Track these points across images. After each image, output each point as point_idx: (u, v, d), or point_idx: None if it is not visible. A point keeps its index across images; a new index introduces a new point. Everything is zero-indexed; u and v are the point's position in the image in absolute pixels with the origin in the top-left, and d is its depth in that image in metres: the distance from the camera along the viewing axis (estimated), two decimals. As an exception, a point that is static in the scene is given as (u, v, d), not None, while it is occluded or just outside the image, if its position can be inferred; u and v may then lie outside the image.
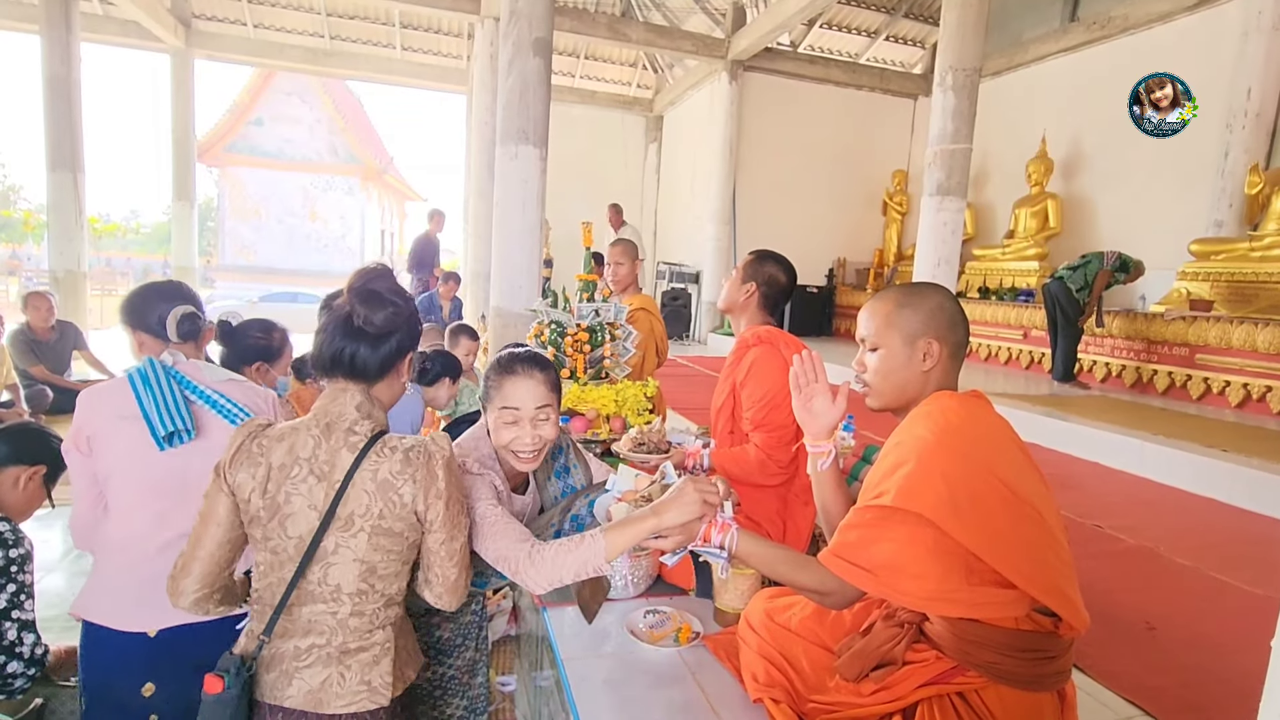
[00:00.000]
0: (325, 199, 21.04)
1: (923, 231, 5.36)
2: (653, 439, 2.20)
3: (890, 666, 1.14)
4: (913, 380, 1.24)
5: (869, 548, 1.10)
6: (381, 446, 1.19)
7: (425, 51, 11.07)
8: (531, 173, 4.17)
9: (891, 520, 1.08)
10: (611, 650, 1.60)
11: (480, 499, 1.33)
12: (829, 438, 1.39)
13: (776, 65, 9.32)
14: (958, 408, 1.16)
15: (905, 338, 1.23)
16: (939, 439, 1.10)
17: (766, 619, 1.45)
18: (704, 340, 9.35)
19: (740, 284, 2.13)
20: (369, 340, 1.22)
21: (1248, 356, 4.85)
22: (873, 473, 1.18)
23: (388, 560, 1.18)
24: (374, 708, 1.16)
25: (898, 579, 1.07)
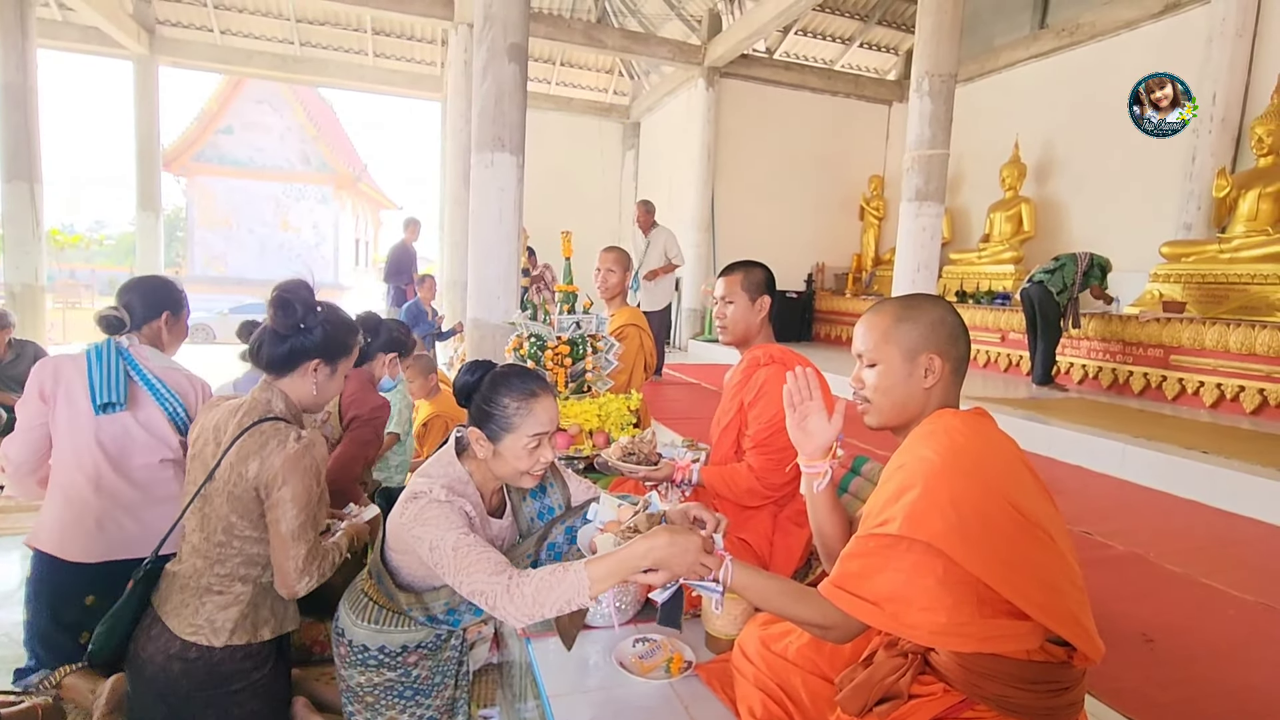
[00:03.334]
0: (298, 208, 20.68)
1: (902, 237, 5.36)
2: (643, 449, 2.12)
3: (895, 700, 1.08)
4: (913, 397, 1.18)
5: (873, 578, 1.04)
6: (258, 428, 1.46)
7: (398, 58, 10.93)
8: (508, 181, 4.09)
9: (897, 549, 1.02)
10: (600, 684, 1.52)
11: (450, 529, 1.25)
12: (825, 457, 1.33)
13: (753, 72, 9.34)
14: (962, 426, 1.10)
15: (905, 353, 1.17)
16: (945, 461, 1.04)
17: (762, 648, 1.39)
18: (684, 347, 9.31)
19: (751, 304, 2.01)
20: (273, 339, 1.51)
21: (1220, 357, 4.92)
22: (874, 498, 1.11)
23: (244, 524, 1.46)
24: (206, 644, 1.44)
25: (905, 612, 1.01)
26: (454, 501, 1.30)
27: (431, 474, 1.39)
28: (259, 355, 1.51)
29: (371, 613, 1.44)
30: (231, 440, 1.44)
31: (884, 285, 9.02)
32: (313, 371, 1.54)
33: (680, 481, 2.04)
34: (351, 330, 1.64)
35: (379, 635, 1.43)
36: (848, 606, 1.05)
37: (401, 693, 1.47)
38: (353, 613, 1.46)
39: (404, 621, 1.44)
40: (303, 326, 1.53)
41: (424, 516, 1.27)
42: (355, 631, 1.45)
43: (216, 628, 1.45)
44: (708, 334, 9.18)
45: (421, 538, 1.26)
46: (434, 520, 1.26)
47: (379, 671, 1.45)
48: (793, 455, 1.90)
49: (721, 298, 2.07)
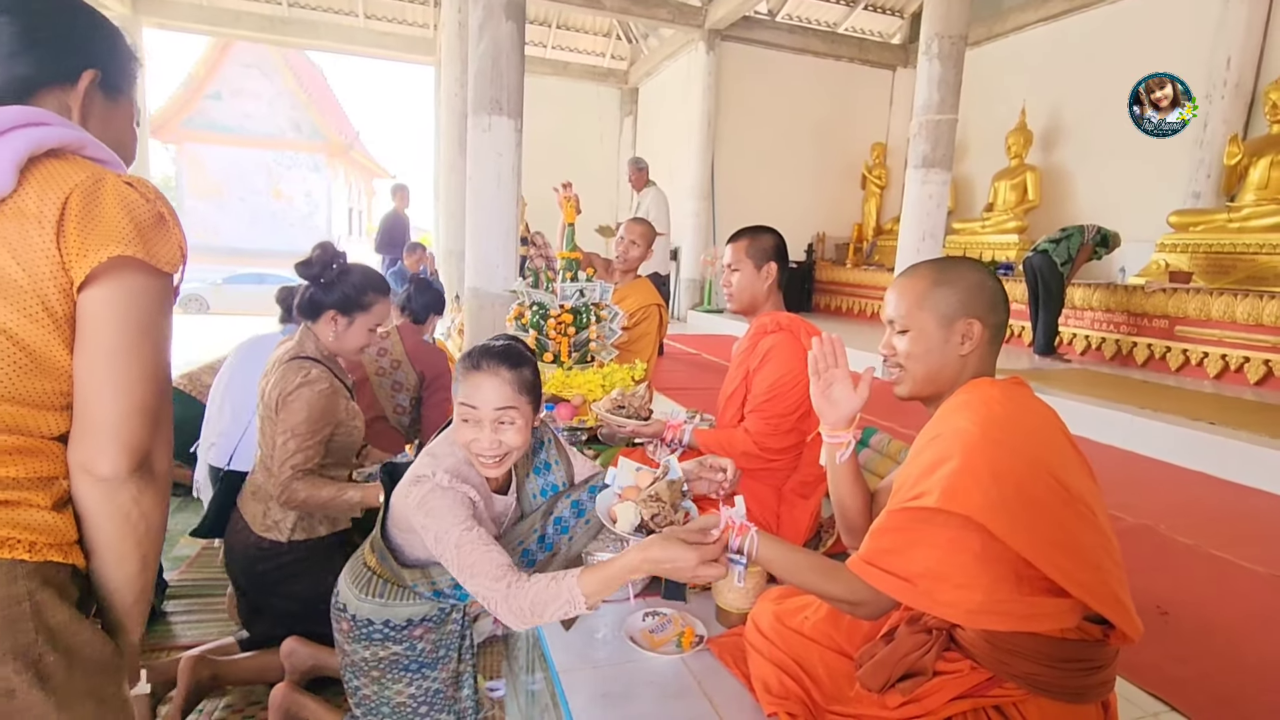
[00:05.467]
0: (289, 176, 20.33)
1: (907, 205, 5.26)
2: (634, 403, 2.07)
3: (919, 677, 1.04)
4: (948, 365, 1.12)
5: (906, 554, 0.99)
6: (290, 363, 1.81)
7: (390, 20, 10.62)
8: (506, 145, 3.97)
9: (932, 523, 0.97)
10: (609, 658, 1.48)
11: (454, 523, 1.21)
12: (848, 428, 1.27)
13: (754, 35, 9.10)
14: (1001, 396, 1.05)
15: (941, 319, 1.12)
16: (985, 431, 0.98)
17: (776, 622, 1.35)
18: (683, 318, 9.22)
19: (757, 271, 1.94)
20: (302, 290, 1.90)
21: (1226, 328, 4.87)
22: (906, 471, 1.06)
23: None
24: (271, 540, 1.83)
25: (939, 589, 0.96)
26: (456, 489, 1.26)
27: (437, 454, 1.34)
28: (297, 303, 1.89)
29: (376, 586, 1.41)
30: (271, 370, 1.84)
31: (885, 255, 8.92)
32: (331, 320, 1.85)
33: (671, 440, 2.00)
34: (365, 289, 1.89)
35: (384, 609, 1.40)
36: (879, 583, 1.00)
37: (407, 666, 1.44)
38: (355, 587, 1.43)
39: (408, 595, 1.40)
40: (321, 281, 1.85)
41: (428, 505, 1.24)
42: (360, 606, 1.41)
43: (282, 527, 1.83)
44: (707, 304, 9.10)
45: (427, 527, 1.23)
46: (438, 511, 1.23)
47: (384, 645, 1.42)
48: (792, 419, 1.86)
49: (727, 265, 2.01)
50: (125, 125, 0.92)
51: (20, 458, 0.74)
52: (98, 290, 0.74)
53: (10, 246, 0.71)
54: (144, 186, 0.79)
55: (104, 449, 0.74)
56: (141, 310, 0.76)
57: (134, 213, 0.75)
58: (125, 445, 0.75)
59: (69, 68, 0.83)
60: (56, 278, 0.73)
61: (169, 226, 0.79)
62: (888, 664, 1.09)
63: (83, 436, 0.75)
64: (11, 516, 0.72)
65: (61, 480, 0.77)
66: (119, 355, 0.75)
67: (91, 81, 0.84)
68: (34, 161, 0.74)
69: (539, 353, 2.55)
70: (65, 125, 0.78)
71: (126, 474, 0.76)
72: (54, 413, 0.77)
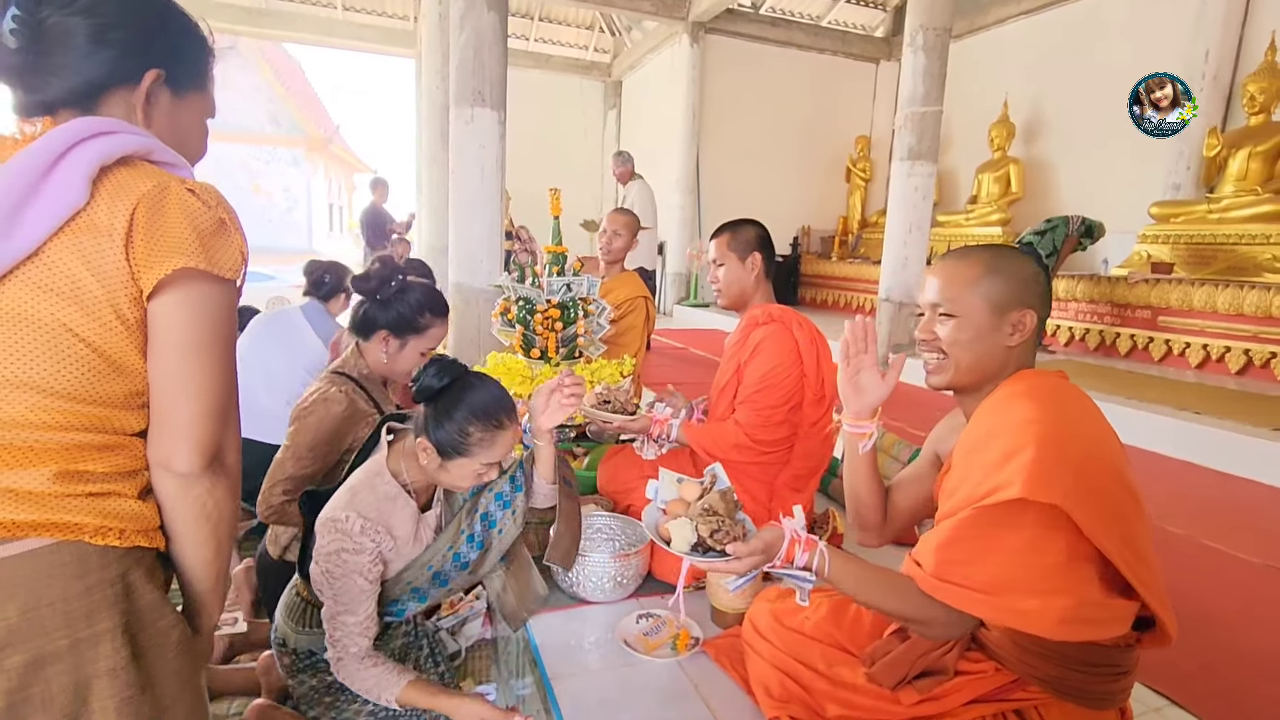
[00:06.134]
0: (268, 171, 19.99)
1: (893, 197, 5.25)
2: (619, 398, 2.03)
3: (939, 676, 1.01)
4: (994, 356, 1.07)
5: (980, 563, 0.92)
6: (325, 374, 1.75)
7: (369, 11, 10.43)
8: (489, 137, 3.89)
9: (1008, 524, 0.90)
10: (604, 663, 1.44)
11: (356, 573, 1.25)
12: (872, 418, 1.23)
13: (738, 27, 9.05)
14: (1058, 388, 1.01)
15: (994, 306, 1.06)
16: (1055, 423, 0.93)
17: (775, 623, 1.31)
18: (669, 312, 9.19)
19: (741, 263, 1.92)
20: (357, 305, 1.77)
21: (1208, 318, 4.92)
22: (964, 470, 0.99)
23: None
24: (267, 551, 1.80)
25: (1021, 599, 0.89)
26: (369, 540, 1.26)
27: (357, 491, 1.31)
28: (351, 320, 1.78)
29: (311, 616, 1.38)
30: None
31: (871, 248, 8.93)
32: (383, 341, 1.73)
33: (658, 436, 1.96)
34: (423, 310, 1.75)
35: (322, 638, 1.36)
36: (954, 600, 0.93)
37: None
38: (291, 620, 1.40)
39: None
40: (378, 298, 1.72)
41: (334, 565, 1.25)
42: (298, 639, 1.39)
43: (280, 543, 1.77)
44: (693, 299, 9.06)
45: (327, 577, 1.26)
46: (340, 574, 1.24)
47: (330, 673, 1.37)
48: (783, 411, 1.83)
49: (712, 261, 2.00)
50: (193, 122, 0.92)
51: (106, 454, 0.78)
52: (166, 299, 0.77)
53: (85, 258, 0.74)
54: (206, 193, 0.81)
55: (179, 448, 0.79)
56: (207, 316, 0.79)
57: (196, 222, 0.78)
58: (198, 444, 0.79)
59: (133, 68, 0.83)
60: (127, 287, 0.76)
61: (230, 232, 0.81)
62: (904, 661, 1.05)
63: (159, 436, 0.80)
64: (103, 506, 0.77)
65: (144, 472, 0.82)
66: (188, 360, 0.79)
67: (155, 81, 0.84)
68: (104, 172, 0.76)
69: (525, 348, 2.50)
70: (132, 132, 0.79)
71: (200, 470, 0.80)
72: (132, 411, 0.81)
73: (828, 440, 1.91)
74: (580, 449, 2.38)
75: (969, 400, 1.12)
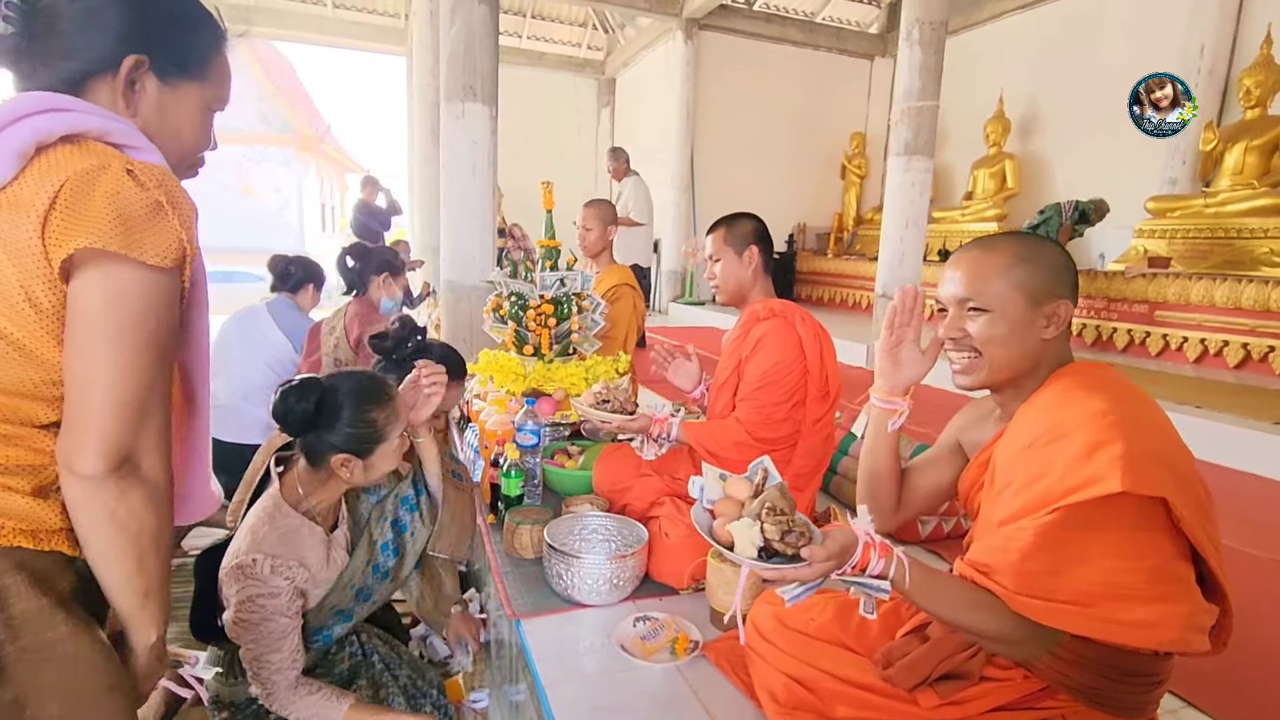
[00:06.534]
0: (259, 171, 19.79)
1: (890, 193, 5.21)
2: (618, 396, 1.98)
3: (963, 681, 0.96)
4: (1030, 350, 1.01)
5: (1070, 574, 0.84)
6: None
7: (359, 9, 10.35)
8: (481, 133, 3.84)
9: (1102, 522, 0.83)
10: (599, 668, 1.39)
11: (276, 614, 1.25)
12: (905, 395, 1.17)
13: (732, 24, 9.01)
14: (1118, 380, 0.96)
15: (1029, 297, 1.00)
16: (1133, 412, 0.88)
17: (779, 625, 1.26)
18: (665, 310, 9.14)
19: (738, 258, 1.88)
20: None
21: (1206, 312, 4.89)
22: (1020, 472, 0.92)
23: None
24: None
25: (1129, 609, 0.81)
26: (281, 576, 1.25)
27: (256, 530, 1.28)
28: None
29: (238, 664, 1.34)
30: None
31: (866, 245, 8.90)
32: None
33: (658, 435, 1.91)
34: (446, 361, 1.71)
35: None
36: (1043, 615, 0.85)
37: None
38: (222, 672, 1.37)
39: None
40: (394, 358, 1.72)
41: (250, 612, 1.23)
42: (233, 692, 1.36)
43: None
44: (688, 297, 9.02)
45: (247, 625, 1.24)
46: (259, 619, 1.23)
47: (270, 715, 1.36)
48: (785, 408, 1.78)
49: (709, 257, 1.96)
50: (186, 114, 0.87)
51: (1, 445, 0.73)
52: (79, 283, 0.71)
53: (1, 235, 0.70)
54: (147, 173, 0.75)
55: (82, 446, 0.72)
56: (123, 304, 0.72)
57: (121, 202, 0.71)
58: (103, 444, 0.72)
59: (114, 54, 0.79)
60: (41, 268, 0.71)
61: (166, 217, 0.74)
62: (926, 664, 1.00)
63: (66, 432, 0.74)
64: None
65: (49, 468, 0.76)
66: (98, 351, 0.72)
67: (136, 67, 0.81)
68: (45, 150, 0.72)
69: (518, 345, 2.45)
70: (90, 112, 0.75)
71: (104, 473, 0.73)
72: (42, 402, 0.75)
73: (830, 438, 1.87)
74: (575, 447, 2.33)
75: (1007, 399, 1.05)
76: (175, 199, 0.75)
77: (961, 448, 1.23)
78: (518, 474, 1.98)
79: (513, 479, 1.97)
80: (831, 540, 0.92)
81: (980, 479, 1.09)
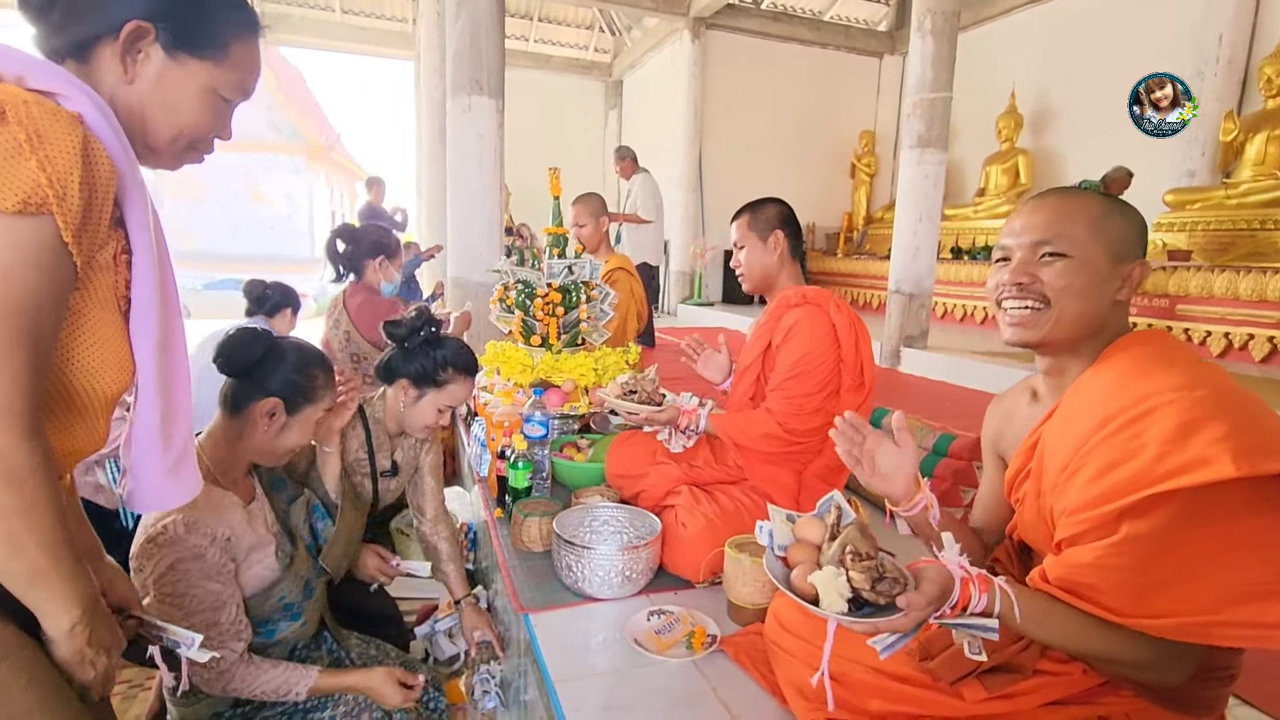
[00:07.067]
0: (269, 179, 19.90)
1: (903, 186, 5.13)
2: (645, 387, 1.91)
3: (1014, 674, 0.87)
4: (1100, 310, 0.92)
5: (1193, 578, 0.74)
6: None
7: (367, 14, 10.39)
8: (488, 126, 3.79)
9: (1214, 512, 0.74)
10: (612, 664, 1.32)
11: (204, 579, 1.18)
12: (918, 488, 1.05)
13: (740, 23, 8.95)
14: (1186, 350, 0.89)
15: (1113, 253, 0.91)
16: (1220, 384, 0.80)
17: (805, 616, 1.18)
18: (674, 311, 9.07)
19: (763, 244, 1.81)
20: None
21: (1230, 305, 4.77)
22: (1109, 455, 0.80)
23: None
24: None
25: (1266, 608, 0.72)
26: (204, 548, 1.17)
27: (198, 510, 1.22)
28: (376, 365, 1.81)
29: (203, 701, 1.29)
30: None
31: (876, 244, 8.80)
32: (402, 390, 1.72)
33: (686, 428, 1.84)
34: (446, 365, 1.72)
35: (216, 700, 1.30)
36: (1175, 633, 0.75)
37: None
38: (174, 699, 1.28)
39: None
40: (405, 346, 1.72)
41: (173, 583, 1.15)
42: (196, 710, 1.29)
43: None
44: (697, 298, 8.95)
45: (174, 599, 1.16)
46: (185, 589, 1.16)
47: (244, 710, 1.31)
48: (818, 399, 1.70)
49: (735, 245, 1.89)
50: (189, 91, 0.83)
51: None
52: None
53: None
54: (25, 110, 0.66)
55: None
56: None
57: None
58: None
59: (119, 19, 0.77)
60: None
61: (24, 155, 0.65)
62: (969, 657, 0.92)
63: None
64: None
65: None
66: None
67: (138, 35, 0.78)
68: None
69: (525, 335, 2.38)
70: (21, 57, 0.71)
71: None
72: None
73: None
74: (585, 440, 2.26)
75: (1057, 366, 0.96)
76: (45, 137, 0.66)
77: (1003, 460, 1.14)
78: (525, 465, 1.91)
79: (520, 470, 1.91)
80: (928, 583, 0.82)
81: (1026, 465, 1.00)
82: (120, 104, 0.78)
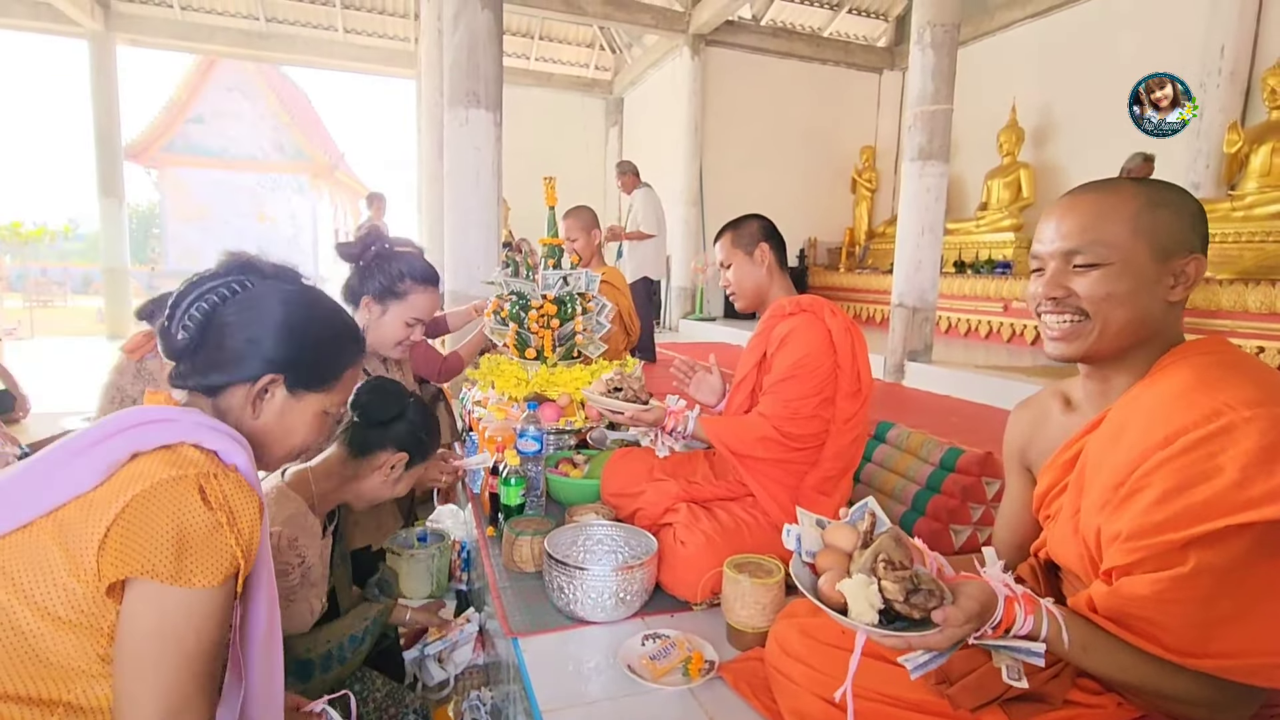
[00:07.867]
0: (274, 199, 20.07)
1: (905, 199, 5.09)
2: (631, 385, 1.84)
3: (1040, 704, 0.80)
4: (1151, 314, 0.83)
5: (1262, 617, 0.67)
6: None
7: (369, 34, 10.47)
8: (485, 139, 3.77)
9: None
10: (604, 692, 1.24)
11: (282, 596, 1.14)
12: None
13: (739, 39, 9.00)
14: (1249, 358, 0.80)
15: (1159, 250, 0.82)
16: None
17: (807, 639, 1.11)
18: (675, 327, 9.02)
19: (750, 259, 1.79)
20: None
21: (1238, 318, 4.71)
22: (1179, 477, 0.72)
23: None
24: None
25: None
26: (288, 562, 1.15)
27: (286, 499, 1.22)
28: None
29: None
30: None
31: (878, 258, 8.77)
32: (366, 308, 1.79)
33: (673, 430, 1.77)
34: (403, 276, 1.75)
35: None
36: (1240, 674, 0.69)
37: None
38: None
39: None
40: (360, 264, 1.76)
41: None
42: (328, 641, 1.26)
43: None
44: (698, 313, 8.91)
45: None
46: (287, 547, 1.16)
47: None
48: (813, 403, 1.64)
49: (721, 264, 1.87)
50: (305, 419, 0.96)
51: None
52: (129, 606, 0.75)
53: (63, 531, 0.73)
54: (217, 491, 0.77)
55: None
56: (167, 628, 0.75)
57: (181, 523, 0.75)
58: None
59: (252, 372, 0.90)
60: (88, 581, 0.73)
61: (223, 536, 0.77)
62: (996, 682, 0.84)
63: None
64: None
65: None
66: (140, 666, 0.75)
67: (270, 383, 0.92)
68: (139, 455, 0.77)
69: (520, 348, 2.32)
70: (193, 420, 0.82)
71: None
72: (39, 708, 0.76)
73: (861, 439, 1.72)
74: (581, 456, 2.19)
75: (1106, 375, 0.87)
76: (236, 514, 0.78)
77: (1030, 472, 1.07)
78: (518, 481, 1.85)
79: (513, 487, 1.84)
80: (967, 599, 0.75)
81: (1063, 479, 0.92)
82: (244, 433, 0.88)
